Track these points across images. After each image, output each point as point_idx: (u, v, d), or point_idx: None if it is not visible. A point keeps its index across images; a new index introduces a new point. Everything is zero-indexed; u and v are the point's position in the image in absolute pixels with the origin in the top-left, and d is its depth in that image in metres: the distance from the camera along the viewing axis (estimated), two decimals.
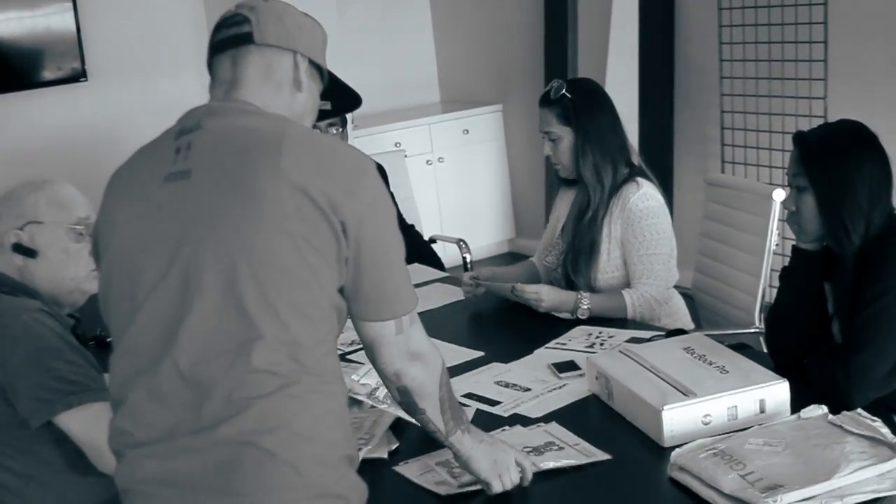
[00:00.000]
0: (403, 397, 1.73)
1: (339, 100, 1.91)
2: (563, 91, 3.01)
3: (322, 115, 1.89)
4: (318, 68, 1.79)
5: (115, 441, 1.63)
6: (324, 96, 1.84)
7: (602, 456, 1.99)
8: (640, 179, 2.99)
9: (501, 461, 1.85)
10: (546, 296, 2.90)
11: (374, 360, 1.72)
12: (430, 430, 1.78)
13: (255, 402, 1.51)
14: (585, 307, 2.86)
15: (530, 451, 1.99)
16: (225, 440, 1.51)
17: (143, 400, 1.57)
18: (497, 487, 1.84)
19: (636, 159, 3.07)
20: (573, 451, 2.01)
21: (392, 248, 1.66)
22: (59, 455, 2.14)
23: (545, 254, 3.24)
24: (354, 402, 2.15)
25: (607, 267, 2.99)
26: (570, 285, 3.01)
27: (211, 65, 1.75)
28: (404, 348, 1.69)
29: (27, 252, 2.24)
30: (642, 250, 2.94)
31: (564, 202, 3.21)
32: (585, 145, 3.00)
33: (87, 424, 2.08)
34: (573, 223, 3.10)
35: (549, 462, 1.96)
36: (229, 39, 1.71)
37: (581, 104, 3.01)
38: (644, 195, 2.96)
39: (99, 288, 1.70)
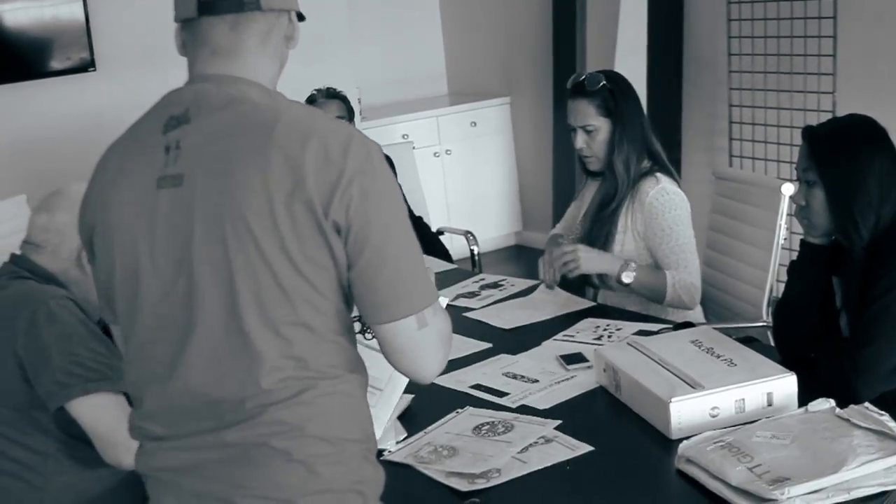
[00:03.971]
0: None
1: None
2: (603, 82, 2.97)
3: None
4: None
5: (135, 433, 1.64)
6: None
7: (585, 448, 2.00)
8: (658, 174, 2.96)
9: None
10: (584, 254, 2.86)
11: (400, 369, 1.62)
12: None
13: (267, 410, 1.51)
14: (632, 271, 2.84)
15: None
16: (239, 442, 1.52)
17: (161, 406, 1.58)
18: None
19: (657, 147, 3.04)
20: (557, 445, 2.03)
21: (395, 237, 1.53)
22: (77, 432, 2.16)
23: (564, 236, 3.23)
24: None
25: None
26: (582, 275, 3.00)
27: (192, 21, 1.60)
28: (435, 341, 1.59)
29: None
30: (672, 242, 2.92)
31: (590, 190, 3.20)
32: (623, 138, 2.97)
33: (97, 413, 2.11)
34: (593, 213, 3.08)
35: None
36: (232, 1, 1.57)
37: (620, 95, 2.98)
38: (663, 189, 2.94)
39: (98, 277, 1.65)
